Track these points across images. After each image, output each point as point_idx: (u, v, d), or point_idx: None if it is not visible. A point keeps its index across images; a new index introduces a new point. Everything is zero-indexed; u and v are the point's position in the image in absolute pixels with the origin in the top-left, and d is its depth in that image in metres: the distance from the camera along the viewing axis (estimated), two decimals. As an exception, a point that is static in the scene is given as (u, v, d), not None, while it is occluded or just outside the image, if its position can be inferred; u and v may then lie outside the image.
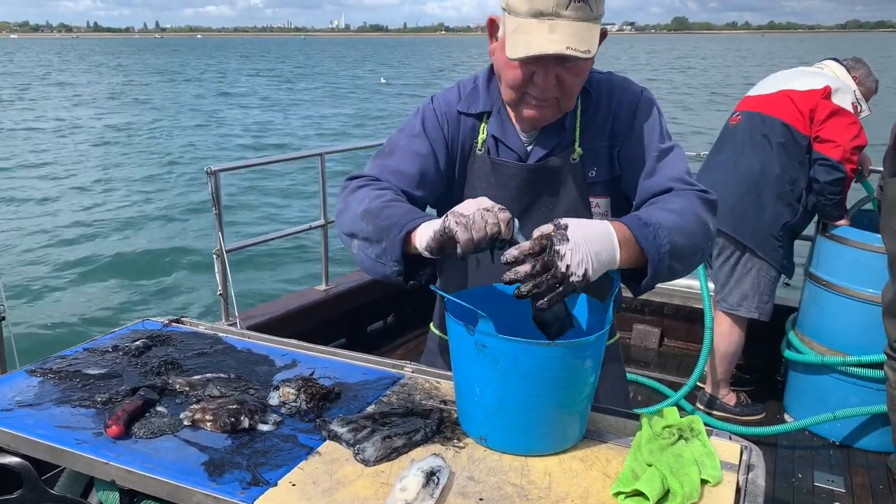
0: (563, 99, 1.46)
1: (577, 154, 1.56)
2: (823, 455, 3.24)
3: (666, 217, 1.36)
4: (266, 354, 1.68)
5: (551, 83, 1.42)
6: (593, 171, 1.57)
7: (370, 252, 1.41)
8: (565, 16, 1.34)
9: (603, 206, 1.59)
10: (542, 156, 1.57)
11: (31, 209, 11.71)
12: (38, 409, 1.39)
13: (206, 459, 1.23)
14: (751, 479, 1.21)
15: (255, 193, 12.65)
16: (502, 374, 1.21)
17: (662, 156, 1.53)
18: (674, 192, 1.47)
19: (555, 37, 1.34)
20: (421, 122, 1.62)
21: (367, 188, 1.51)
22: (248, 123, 22.68)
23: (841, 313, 3.21)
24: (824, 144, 3.16)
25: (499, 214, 1.25)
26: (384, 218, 1.39)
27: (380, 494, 1.14)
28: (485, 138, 1.60)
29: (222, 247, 3.38)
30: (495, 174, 1.60)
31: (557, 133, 1.56)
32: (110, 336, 1.76)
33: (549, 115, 1.50)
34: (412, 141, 1.60)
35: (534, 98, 1.46)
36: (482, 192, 1.59)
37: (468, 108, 1.61)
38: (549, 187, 1.58)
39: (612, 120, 1.56)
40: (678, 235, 1.34)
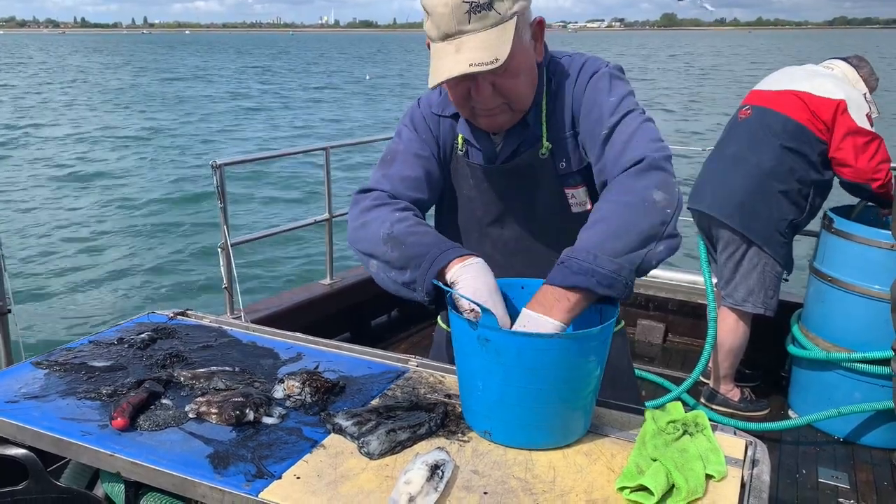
0: (511, 103, 1.45)
1: (545, 149, 1.54)
2: (828, 451, 3.23)
3: (588, 237, 1.29)
4: (271, 348, 1.68)
5: (486, 93, 1.41)
6: (563, 162, 1.55)
7: (393, 276, 1.43)
8: (469, 30, 1.33)
9: (579, 195, 1.57)
10: (509, 155, 1.56)
11: (38, 203, 11.73)
12: (43, 400, 1.40)
13: (210, 452, 1.23)
14: (756, 475, 1.21)
15: (260, 186, 12.68)
16: (506, 367, 1.21)
17: (609, 134, 1.42)
18: (613, 185, 1.36)
19: (460, 56, 1.33)
20: (412, 124, 1.63)
21: (386, 207, 1.49)
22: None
23: (846, 309, 3.20)
24: (841, 168, 3.19)
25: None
26: (410, 246, 1.40)
27: (384, 488, 1.14)
28: (463, 139, 1.60)
29: (227, 240, 3.38)
30: (473, 176, 1.61)
31: (522, 131, 1.54)
32: (115, 329, 1.77)
33: (506, 121, 1.50)
34: (410, 145, 1.61)
35: (481, 109, 1.45)
36: (466, 192, 1.63)
37: (443, 111, 1.62)
38: (523, 186, 1.57)
39: (571, 106, 1.53)
40: (611, 241, 1.26)
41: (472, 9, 1.32)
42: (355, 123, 21.51)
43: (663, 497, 1.12)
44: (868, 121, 3.16)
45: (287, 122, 22.26)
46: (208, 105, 26.38)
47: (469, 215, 1.65)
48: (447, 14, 1.33)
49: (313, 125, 21.58)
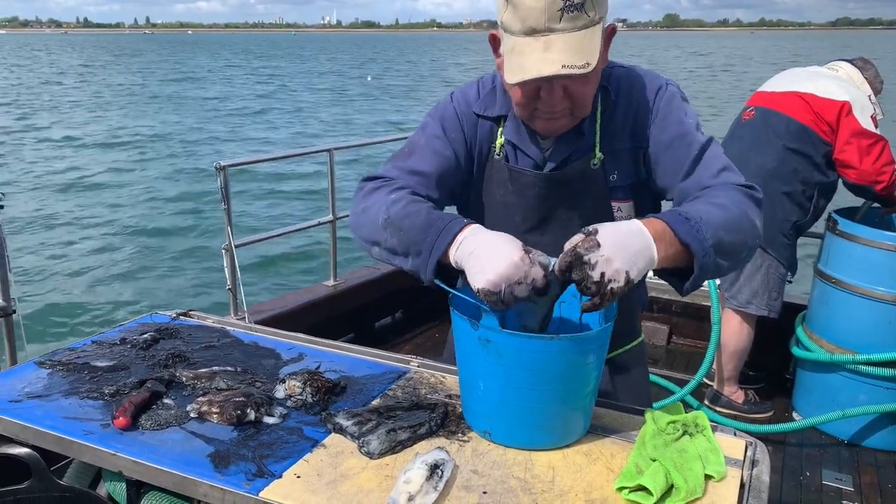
0: (575, 108, 1.40)
1: (597, 159, 1.48)
2: (832, 453, 3.22)
3: (709, 211, 1.28)
4: (272, 348, 1.69)
5: (558, 97, 1.35)
6: (614, 174, 1.50)
7: (398, 263, 1.37)
8: (559, 29, 1.27)
9: (625, 210, 1.52)
10: (560, 163, 1.50)
11: (42, 203, 11.78)
12: (46, 400, 1.41)
13: (212, 451, 1.24)
14: (755, 475, 1.21)
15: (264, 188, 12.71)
16: (506, 368, 1.22)
17: (700, 154, 1.42)
18: (717, 188, 1.38)
19: (550, 55, 1.27)
20: (440, 121, 1.56)
21: (382, 190, 1.45)
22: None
23: (851, 311, 3.19)
24: (845, 170, 3.17)
25: (534, 289, 1.19)
26: (406, 231, 1.34)
27: (384, 487, 1.14)
28: (503, 143, 1.54)
29: (231, 242, 3.39)
30: (513, 181, 1.53)
31: (575, 138, 1.49)
32: (118, 329, 1.78)
33: (564, 125, 1.44)
34: (432, 141, 1.54)
35: (543, 112, 1.40)
36: (500, 198, 1.56)
37: (484, 111, 1.55)
38: (569, 194, 1.52)
39: (633, 119, 1.48)
40: (723, 231, 1.26)
41: (566, 7, 1.25)
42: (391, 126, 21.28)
43: (662, 497, 1.12)
44: (873, 122, 3.15)
45: (303, 123, 22.27)
46: (217, 106, 26.44)
47: (505, 220, 1.56)
48: (539, 9, 1.26)
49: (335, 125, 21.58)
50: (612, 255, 1.15)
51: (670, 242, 1.22)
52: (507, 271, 1.18)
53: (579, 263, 1.15)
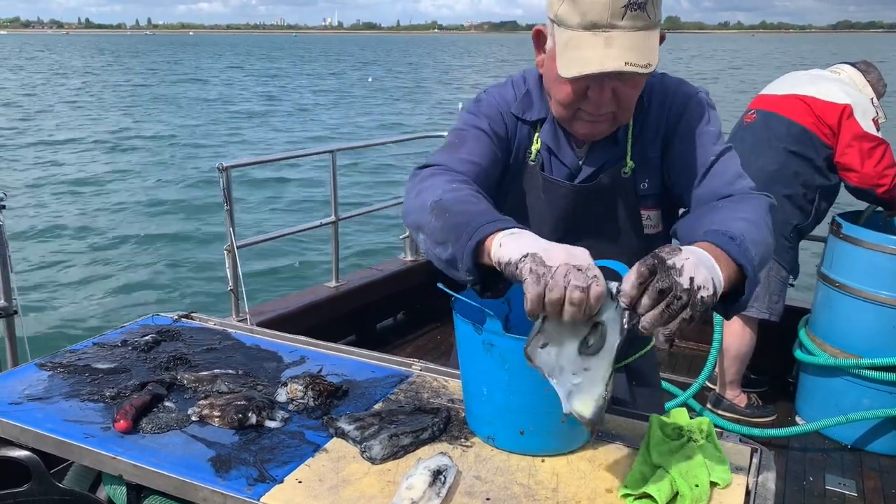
0: (619, 112, 1.37)
1: (629, 168, 1.47)
2: (835, 458, 3.21)
3: (742, 227, 1.20)
4: (275, 351, 1.68)
5: (607, 98, 1.32)
6: (645, 182, 1.48)
7: (437, 252, 1.22)
8: (621, 26, 1.24)
9: (654, 218, 1.51)
10: (592, 172, 1.47)
11: (45, 204, 11.79)
12: (46, 402, 1.40)
13: (213, 455, 1.23)
14: (761, 482, 1.20)
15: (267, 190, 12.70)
16: (510, 373, 1.21)
17: (717, 159, 1.41)
18: (737, 198, 1.35)
19: (612, 51, 1.24)
20: (485, 116, 1.49)
21: (442, 176, 1.34)
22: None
23: (854, 315, 3.18)
24: (846, 173, 3.17)
25: (591, 286, 1.00)
26: (454, 215, 1.20)
27: (386, 493, 1.13)
28: (538, 148, 1.50)
29: (233, 243, 3.39)
30: (545, 190, 1.50)
31: (610, 147, 1.47)
32: (120, 331, 1.77)
33: (604, 130, 1.41)
34: (479, 135, 1.47)
35: (587, 114, 1.36)
36: (531, 204, 1.52)
37: (523, 114, 1.50)
38: (600, 203, 1.50)
39: (664, 128, 1.47)
40: (761, 247, 1.21)
41: (630, 5, 1.23)
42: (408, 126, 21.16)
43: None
44: (875, 126, 3.14)
45: (312, 124, 22.25)
46: (220, 108, 26.46)
47: (533, 228, 1.41)
48: (603, 3, 1.23)
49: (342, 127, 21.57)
50: (697, 260, 1.01)
51: (726, 263, 1.11)
52: (574, 258, 1.03)
53: (664, 268, 0.98)
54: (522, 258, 1.04)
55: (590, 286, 1.00)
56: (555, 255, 1.03)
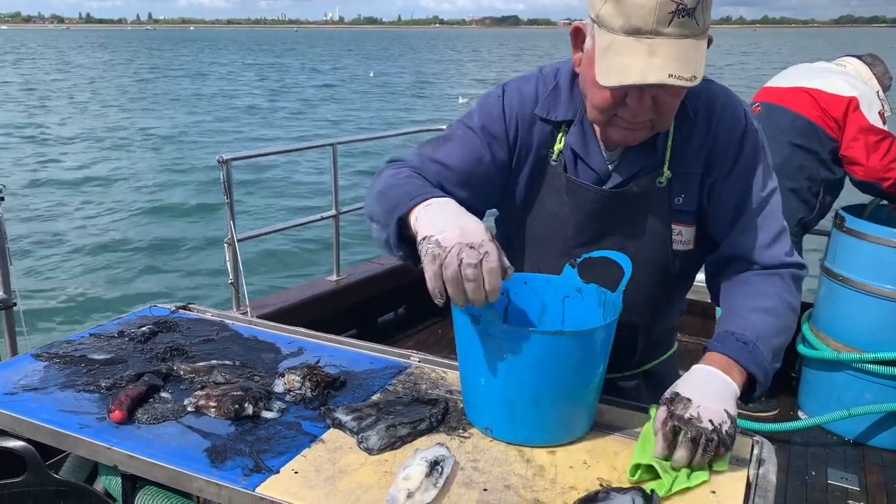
0: (658, 121, 1.29)
1: (664, 178, 1.38)
2: (837, 453, 3.20)
3: (762, 324, 1.30)
4: (272, 342, 1.67)
5: (646, 106, 1.24)
6: (680, 197, 1.40)
7: (380, 237, 1.31)
8: (667, 34, 1.15)
9: (686, 234, 1.43)
10: (625, 179, 1.40)
11: (44, 196, 11.80)
12: (42, 393, 1.39)
13: (208, 446, 1.22)
14: (762, 474, 1.18)
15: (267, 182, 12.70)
16: (508, 364, 1.19)
17: (761, 207, 1.39)
18: (765, 280, 1.37)
19: (655, 61, 1.15)
20: (484, 116, 1.44)
21: (390, 168, 1.40)
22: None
23: (857, 309, 3.17)
24: (852, 166, 3.15)
25: (482, 261, 1.08)
26: (389, 198, 1.28)
27: (383, 483, 1.12)
28: (561, 148, 1.42)
29: (234, 236, 3.38)
30: (569, 193, 1.42)
31: (647, 154, 1.38)
32: (117, 322, 1.76)
33: (640, 137, 1.33)
34: (468, 135, 1.44)
35: (624, 121, 1.28)
36: (553, 206, 1.46)
37: (547, 114, 1.43)
38: (629, 211, 1.42)
39: (710, 147, 1.38)
40: (778, 338, 1.31)
41: (678, 11, 1.14)
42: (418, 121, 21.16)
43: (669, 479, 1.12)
44: (881, 119, 3.12)
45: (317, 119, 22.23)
46: (222, 103, 26.45)
47: (555, 232, 1.47)
48: (648, 8, 1.14)
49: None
50: (705, 401, 1.15)
51: (739, 373, 1.24)
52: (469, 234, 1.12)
53: (684, 422, 1.13)
54: (422, 240, 1.15)
55: (481, 261, 1.08)
56: (449, 236, 1.12)
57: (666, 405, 1.16)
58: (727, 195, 1.39)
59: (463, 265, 1.09)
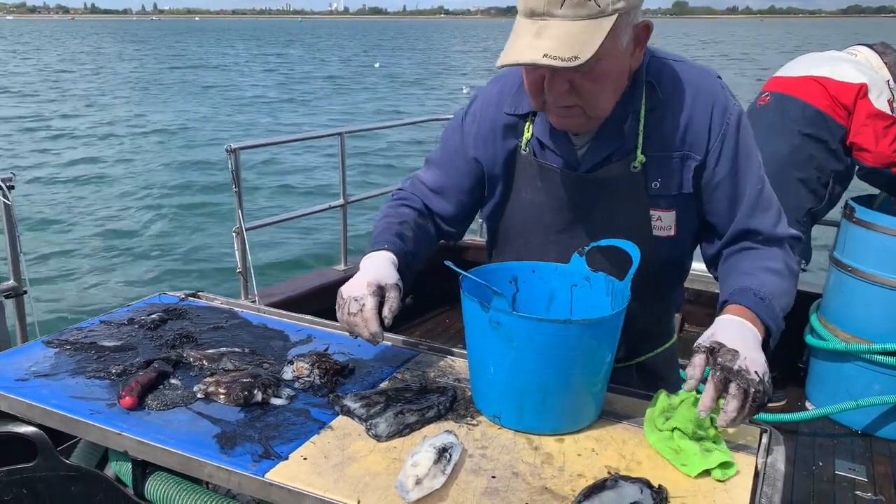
0: (586, 106, 1.29)
1: (638, 162, 1.37)
2: (845, 443, 3.19)
3: (773, 283, 1.34)
4: (281, 329, 1.68)
5: (561, 90, 1.26)
6: (657, 182, 1.39)
7: None
8: (559, 15, 1.17)
9: (666, 220, 1.42)
10: (596, 163, 1.40)
11: (55, 185, 11.84)
12: (53, 379, 1.40)
13: (218, 432, 1.23)
14: (770, 463, 1.18)
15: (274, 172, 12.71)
16: (517, 351, 1.20)
17: (761, 188, 1.40)
18: (773, 248, 1.41)
19: (539, 42, 1.17)
20: (454, 130, 1.55)
21: (391, 203, 1.61)
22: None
23: (867, 300, 3.15)
24: (860, 153, 3.11)
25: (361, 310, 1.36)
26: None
27: (391, 470, 1.13)
28: (529, 137, 1.45)
29: (242, 225, 3.38)
30: (542, 178, 1.45)
31: (616, 139, 1.38)
32: (127, 309, 1.77)
33: (578, 124, 1.34)
34: (443, 154, 1.58)
35: (552, 106, 1.31)
36: (528, 195, 1.48)
37: (515, 109, 1.46)
38: (605, 197, 1.42)
39: (686, 127, 1.37)
40: (785, 298, 1.35)
41: None
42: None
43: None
44: (890, 107, 3.10)
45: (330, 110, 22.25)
46: (230, 95, 26.46)
47: (534, 219, 1.50)
48: None
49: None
50: (750, 353, 1.17)
51: (759, 326, 1.27)
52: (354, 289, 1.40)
53: (736, 375, 1.13)
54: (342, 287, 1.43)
55: (361, 310, 1.36)
56: (345, 289, 1.42)
57: (707, 354, 1.17)
58: (722, 179, 1.39)
59: (350, 314, 1.38)
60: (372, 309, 1.35)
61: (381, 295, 1.38)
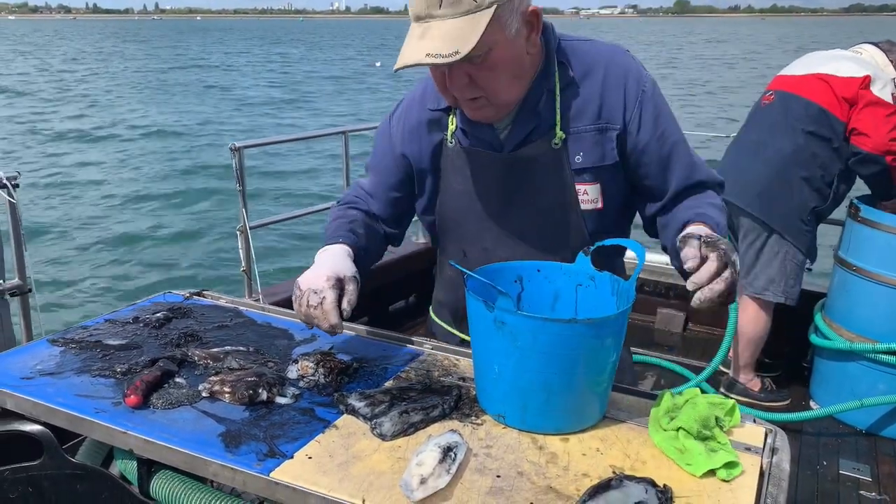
0: (489, 95, 1.36)
1: (558, 139, 1.45)
2: (849, 443, 3.19)
3: (719, 216, 1.43)
4: (286, 328, 1.68)
5: (461, 84, 1.34)
6: (579, 156, 1.46)
7: None
8: (438, 15, 1.25)
9: (592, 192, 1.49)
10: (518, 143, 1.47)
11: (60, 184, 11.86)
12: (58, 377, 1.40)
13: (223, 431, 1.23)
14: (775, 463, 1.18)
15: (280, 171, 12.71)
16: (521, 351, 1.19)
17: (687, 148, 1.51)
18: (708, 192, 1.52)
19: (423, 43, 1.26)
20: (380, 135, 1.65)
21: (336, 209, 1.68)
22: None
23: (871, 299, 3.14)
24: (859, 137, 3.08)
25: (321, 303, 1.38)
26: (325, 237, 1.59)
27: (396, 469, 1.13)
28: (454, 130, 1.52)
29: (246, 223, 3.38)
30: (469, 165, 1.52)
31: (533, 118, 1.45)
32: (132, 308, 1.77)
33: (490, 113, 1.42)
34: (376, 159, 1.66)
35: (460, 100, 1.39)
36: (459, 185, 1.55)
37: (437, 104, 1.54)
38: (531, 176, 1.49)
39: (601, 99, 1.44)
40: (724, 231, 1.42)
41: None
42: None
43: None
44: (893, 100, 3.08)
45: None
46: (234, 95, 26.48)
47: (467, 208, 1.57)
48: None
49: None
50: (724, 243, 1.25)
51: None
52: (315, 281, 1.41)
53: (716, 247, 1.22)
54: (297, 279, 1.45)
55: (321, 303, 1.38)
56: (303, 281, 1.43)
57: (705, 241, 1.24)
58: (647, 142, 1.46)
59: (309, 306, 1.40)
60: (332, 302, 1.38)
61: (341, 287, 1.43)
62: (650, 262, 4.28)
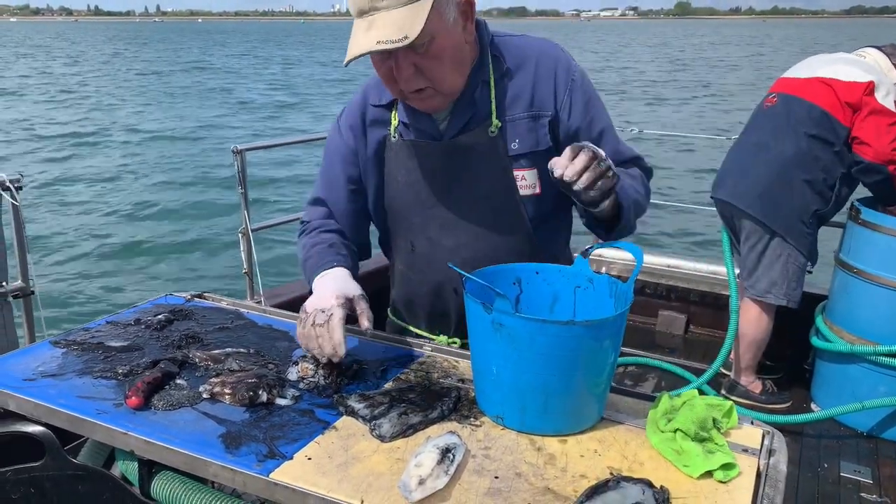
0: (435, 84, 1.42)
1: (494, 127, 1.52)
2: (850, 445, 3.19)
3: (628, 181, 1.50)
4: (286, 330, 1.69)
5: (408, 74, 1.39)
6: (515, 143, 1.53)
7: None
8: (382, 7, 1.31)
9: (529, 178, 1.56)
10: (456, 132, 1.54)
11: (63, 187, 11.88)
12: (60, 379, 1.41)
13: (223, 432, 1.24)
14: (772, 464, 1.19)
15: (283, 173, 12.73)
16: (519, 353, 1.20)
17: (611, 133, 1.58)
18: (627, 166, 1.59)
19: (370, 33, 1.32)
20: (330, 139, 1.69)
21: (302, 236, 1.69)
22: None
23: (872, 301, 3.14)
24: (861, 146, 3.08)
25: (329, 320, 1.36)
26: (306, 271, 1.60)
27: (395, 470, 1.14)
28: (396, 125, 1.59)
29: (248, 226, 3.39)
30: (411, 158, 1.58)
31: (468, 108, 1.52)
32: (133, 310, 1.78)
33: (438, 103, 1.48)
34: (326, 168, 1.70)
35: (407, 91, 1.43)
36: (402, 177, 1.60)
37: (379, 100, 1.61)
38: (469, 163, 1.55)
39: (533, 88, 1.52)
40: (636, 195, 1.51)
41: None
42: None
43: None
44: (895, 107, 3.08)
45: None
46: (235, 97, 26.51)
47: (412, 200, 1.62)
48: None
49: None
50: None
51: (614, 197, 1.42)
52: (324, 300, 1.42)
53: (595, 152, 1.30)
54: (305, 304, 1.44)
55: (328, 321, 1.37)
56: (309, 304, 1.43)
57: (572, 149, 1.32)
58: (579, 126, 1.54)
59: (315, 324, 1.37)
60: (340, 319, 1.37)
61: (349, 307, 1.44)
62: (652, 265, 4.28)
